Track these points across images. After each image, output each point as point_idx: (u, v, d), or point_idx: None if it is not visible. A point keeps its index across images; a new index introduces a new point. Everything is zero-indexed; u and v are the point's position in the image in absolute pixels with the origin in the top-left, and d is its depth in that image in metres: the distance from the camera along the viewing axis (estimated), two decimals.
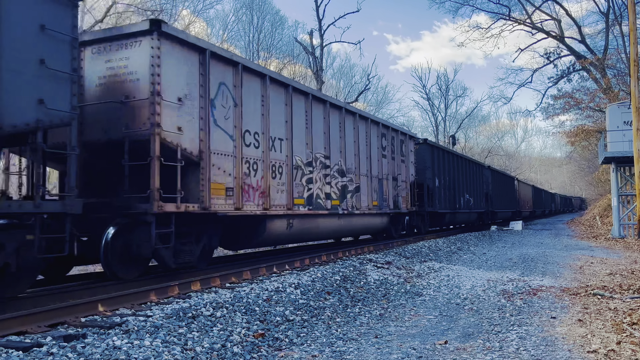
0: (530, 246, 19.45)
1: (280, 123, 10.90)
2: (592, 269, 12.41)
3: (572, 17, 38.25)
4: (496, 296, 8.46)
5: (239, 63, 9.55)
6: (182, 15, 34.17)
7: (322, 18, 35.90)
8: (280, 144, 10.81)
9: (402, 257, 13.09)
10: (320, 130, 12.60)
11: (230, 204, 9.11)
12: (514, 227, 30.30)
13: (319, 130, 12.54)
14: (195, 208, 8.29)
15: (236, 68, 9.50)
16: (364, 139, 14.85)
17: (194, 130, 8.40)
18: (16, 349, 4.29)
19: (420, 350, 5.36)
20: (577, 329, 6.11)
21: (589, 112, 38.25)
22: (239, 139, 9.41)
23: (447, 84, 67.54)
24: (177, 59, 8.14)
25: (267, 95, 10.38)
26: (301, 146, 11.64)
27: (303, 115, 11.82)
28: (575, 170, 78.52)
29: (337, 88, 48.15)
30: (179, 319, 5.59)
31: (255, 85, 10.11)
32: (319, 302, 7.41)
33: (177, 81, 8.11)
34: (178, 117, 8.07)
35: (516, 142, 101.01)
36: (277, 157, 10.66)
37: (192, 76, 8.42)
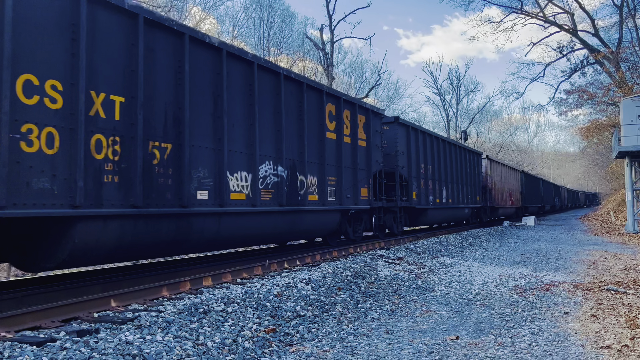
0: (543, 241, 19.31)
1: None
2: (605, 264, 12.29)
3: (585, 9, 37.81)
4: (508, 292, 8.42)
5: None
6: (192, 12, 34.26)
7: (333, 14, 35.93)
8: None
9: (414, 252, 13.05)
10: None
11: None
12: (527, 222, 30.09)
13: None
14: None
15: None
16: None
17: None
18: (30, 344, 4.34)
19: (432, 345, 5.35)
20: (591, 325, 6.06)
21: (602, 106, 37.83)
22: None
23: (458, 78, 67.26)
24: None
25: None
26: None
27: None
28: (589, 165, 77.66)
29: (347, 84, 48.06)
30: (190, 314, 5.62)
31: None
32: (330, 298, 7.42)
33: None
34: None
35: (529, 137, 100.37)
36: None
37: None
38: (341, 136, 12.35)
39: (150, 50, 7.26)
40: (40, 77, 5.75)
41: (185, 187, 7.55)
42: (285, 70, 10.44)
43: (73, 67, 6.11)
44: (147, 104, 7.10)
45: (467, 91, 68.39)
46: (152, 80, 7.25)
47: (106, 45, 6.59)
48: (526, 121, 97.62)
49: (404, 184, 16.06)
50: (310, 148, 11.07)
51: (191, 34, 8.00)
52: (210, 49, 8.45)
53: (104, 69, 6.54)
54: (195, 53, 8.11)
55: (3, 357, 4.03)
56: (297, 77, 10.83)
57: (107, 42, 6.61)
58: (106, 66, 6.56)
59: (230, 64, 8.79)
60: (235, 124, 8.87)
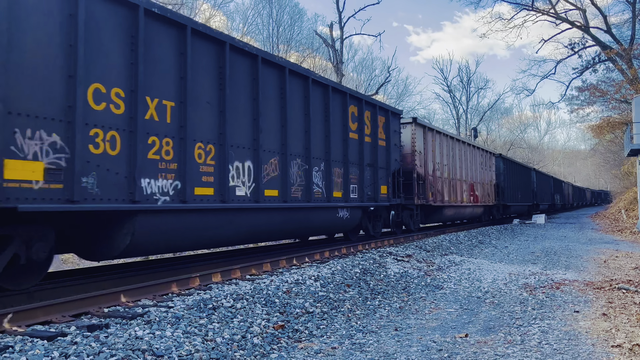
0: (553, 239, 19.19)
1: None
2: (617, 262, 12.19)
3: (597, 6, 37.44)
4: (518, 290, 8.37)
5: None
6: (202, 9, 34.32)
7: (342, 10, 35.81)
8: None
9: (423, 250, 13.02)
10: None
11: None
12: (537, 220, 29.91)
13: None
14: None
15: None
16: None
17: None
18: (41, 338, 4.38)
19: (441, 343, 5.33)
20: (601, 323, 6.01)
21: (614, 103, 37.48)
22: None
23: (468, 76, 66.91)
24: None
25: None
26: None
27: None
28: (600, 163, 77.07)
29: (357, 81, 47.96)
30: (199, 310, 5.64)
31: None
32: (339, 295, 7.41)
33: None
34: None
35: (539, 134, 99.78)
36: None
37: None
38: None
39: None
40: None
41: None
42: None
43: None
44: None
45: (477, 88, 68.02)
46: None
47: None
48: (537, 119, 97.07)
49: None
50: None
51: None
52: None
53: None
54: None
55: (14, 351, 4.07)
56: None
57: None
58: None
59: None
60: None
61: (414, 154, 16.28)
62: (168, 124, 7.25)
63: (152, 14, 7.05)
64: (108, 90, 6.38)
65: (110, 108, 6.41)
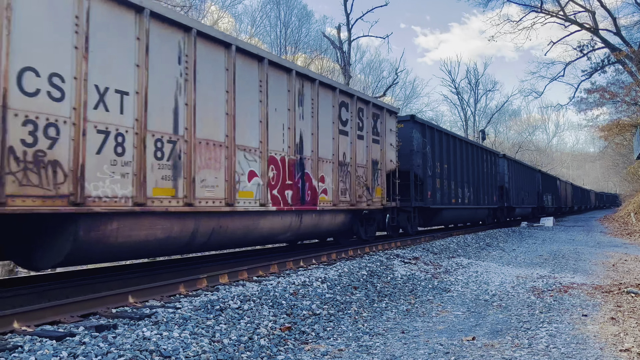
0: (561, 243, 19.08)
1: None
2: (626, 266, 12.11)
3: (606, 8, 37.22)
4: (525, 293, 8.34)
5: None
6: (210, 10, 34.46)
7: (350, 12, 35.76)
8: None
9: (430, 252, 12.99)
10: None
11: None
12: (545, 223, 29.76)
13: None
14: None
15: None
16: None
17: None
18: (50, 338, 4.41)
19: (447, 346, 5.32)
20: (610, 327, 5.98)
21: (624, 106, 37.24)
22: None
23: (476, 78, 66.78)
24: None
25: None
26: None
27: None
28: (609, 166, 76.52)
29: (365, 83, 47.96)
30: (207, 311, 5.66)
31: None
32: (346, 297, 7.42)
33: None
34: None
35: (547, 137, 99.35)
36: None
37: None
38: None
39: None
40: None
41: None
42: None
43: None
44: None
45: (485, 90, 67.89)
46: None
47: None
48: (545, 121, 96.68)
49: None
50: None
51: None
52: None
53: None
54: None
55: (24, 350, 4.10)
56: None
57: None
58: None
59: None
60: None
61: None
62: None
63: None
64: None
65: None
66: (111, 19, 6.41)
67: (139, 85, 6.71)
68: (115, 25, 6.46)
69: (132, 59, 6.65)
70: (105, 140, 6.23)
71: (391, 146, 14.02)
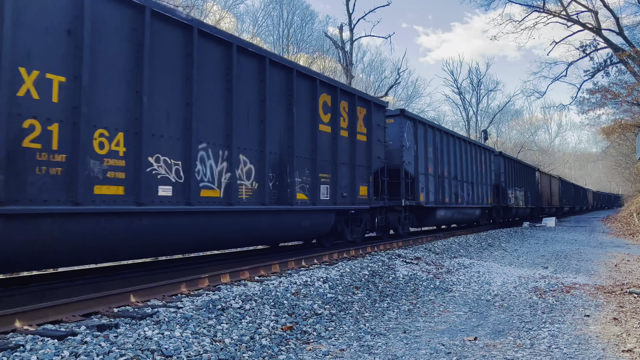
0: (564, 243, 19.05)
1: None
2: (628, 266, 12.08)
3: (609, 7, 37.13)
4: (527, 293, 8.32)
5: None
6: (212, 10, 34.47)
7: (352, 12, 35.78)
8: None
9: (432, 252, 12.98)
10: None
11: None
12: (547, 223, 29.73)
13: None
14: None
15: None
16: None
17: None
18: (51, 337, 4.42)
19: (449, 346, 5.31)
20: (612, 328, 5.96)
21: (626, 106, 37.15)
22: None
23: (478, 77, 66.72)
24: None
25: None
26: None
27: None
28: (612, 166, 76.34)
29: (367, 82, 47.94)
30: (208, 311, 5.66)
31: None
32: (347, 297, 7.41)
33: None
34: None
35: (550, 137, 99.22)
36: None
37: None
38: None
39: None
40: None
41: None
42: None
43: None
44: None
45: (487, 90, 67.81)
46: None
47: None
48: (547, 121, 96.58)
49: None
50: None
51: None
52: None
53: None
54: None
55: (25, 349, 4.11)
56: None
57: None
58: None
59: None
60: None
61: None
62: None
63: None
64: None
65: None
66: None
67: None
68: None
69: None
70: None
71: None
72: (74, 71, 5.97)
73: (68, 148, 5.87)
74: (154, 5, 6.98)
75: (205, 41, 7.91)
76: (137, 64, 6.76)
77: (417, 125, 15.84)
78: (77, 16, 5.99)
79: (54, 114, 5.74)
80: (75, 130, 5.93)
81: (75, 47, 5.99)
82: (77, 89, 5.97)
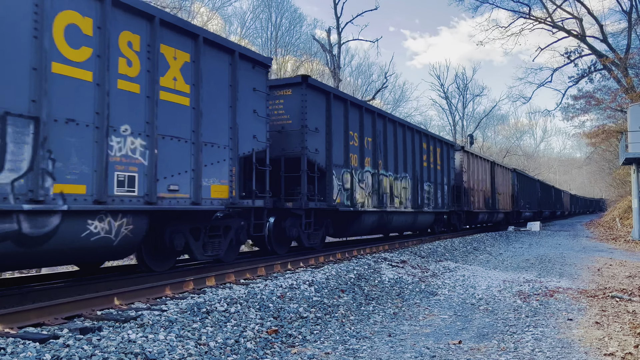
0: (548, 247, 19.23)
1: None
2: (610, 271, 12.22)
3: (593, 15, 37.66)
4: (512, 297, 8.38)
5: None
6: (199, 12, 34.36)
7: (340, 16, 35.90)
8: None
9: (418, 256, 13.02)
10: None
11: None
12: (532, 227, 30.01)
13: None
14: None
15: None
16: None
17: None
18: (33, 340, 4.35)
19: (434, 349, 5.33)
20: (594, 332, 6.02)
21: (610, 112, 37.67)
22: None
23: (465, 82, 67.19)
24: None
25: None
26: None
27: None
28: (596, 171, 77.19)
29: (354, 86, 48.06)
30: (193, 314, 5.63)
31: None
32: (333, 300, 7.41)
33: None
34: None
35: (535, 142, 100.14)
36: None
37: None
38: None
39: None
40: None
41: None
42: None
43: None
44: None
45: (473, 95, 68.31)
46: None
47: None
48: (533, 126, 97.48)
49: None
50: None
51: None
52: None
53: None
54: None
55: (6, 352, 4.05)
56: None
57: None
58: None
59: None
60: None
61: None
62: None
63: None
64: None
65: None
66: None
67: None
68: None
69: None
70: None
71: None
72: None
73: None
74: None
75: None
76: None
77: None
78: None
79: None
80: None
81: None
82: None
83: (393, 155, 15.34)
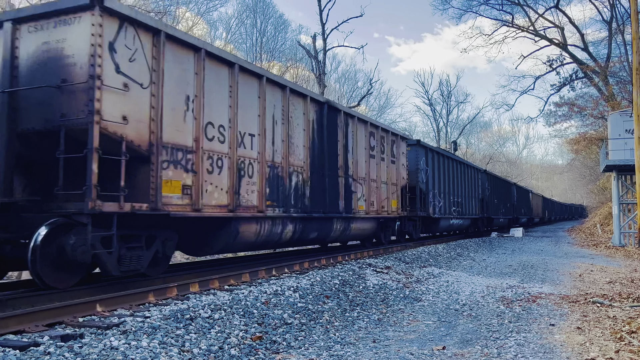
0: (531, 253, 19.41)
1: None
2: (591, 277, 12.38)
3: (575, 24, 38.33)
4: (495, 302, 8.45)
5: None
6: (185, 17, 34.25)
7: (326, 22, 35.98)
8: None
9: (402, 262, 13.06)
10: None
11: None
12: (515, 233, 30.28)
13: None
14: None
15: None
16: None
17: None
18: (13, 348, 4.28)
19: (418, 355, 5.35)
20: (576, 337, 6.09)
21: (591, 119, 38.25)
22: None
23: (449, 89, 67.71)
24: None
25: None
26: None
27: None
28: (577, 178, 78.13)
29: (340, 92, 48.21)
30: (176, 320, 5.58)
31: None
32: (318, 306, 7.40)
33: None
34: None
35: (518, 149, 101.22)
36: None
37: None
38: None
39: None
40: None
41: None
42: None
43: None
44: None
45: (457, 102, 68.86)
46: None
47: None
48: (515, 133, 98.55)
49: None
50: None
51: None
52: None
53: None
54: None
55: None
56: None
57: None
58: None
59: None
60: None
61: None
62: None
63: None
64: None
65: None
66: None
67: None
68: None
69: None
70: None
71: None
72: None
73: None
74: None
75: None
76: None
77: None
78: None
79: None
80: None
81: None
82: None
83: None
